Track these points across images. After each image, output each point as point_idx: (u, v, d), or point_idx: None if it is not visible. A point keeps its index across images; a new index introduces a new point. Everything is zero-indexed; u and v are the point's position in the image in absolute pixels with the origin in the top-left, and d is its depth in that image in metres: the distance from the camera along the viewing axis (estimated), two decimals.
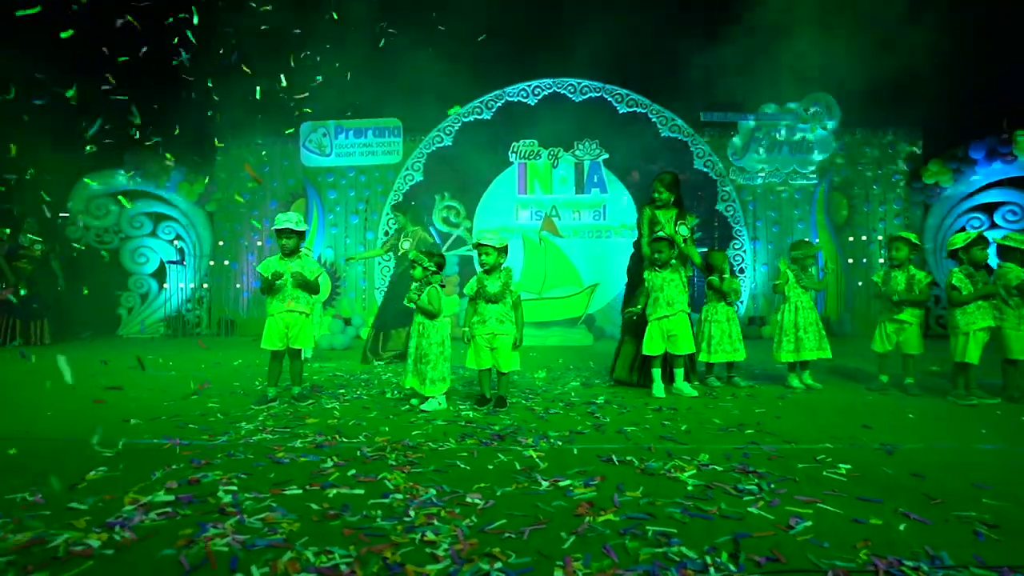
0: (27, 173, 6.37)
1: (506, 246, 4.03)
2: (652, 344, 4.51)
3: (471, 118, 9.78)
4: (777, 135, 9.59)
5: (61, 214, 8.79)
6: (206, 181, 9.42)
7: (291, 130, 9.16)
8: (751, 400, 4.30)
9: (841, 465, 2.68)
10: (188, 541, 1.90)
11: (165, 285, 9.35)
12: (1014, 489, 2.38)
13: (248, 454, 2.91)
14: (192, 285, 9.56)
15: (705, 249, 9.17)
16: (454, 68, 9.00)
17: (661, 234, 4.58)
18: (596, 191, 9.70)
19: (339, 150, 9.83)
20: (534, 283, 8.65)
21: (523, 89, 9.78)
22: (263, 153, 9.85)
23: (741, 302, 9.52)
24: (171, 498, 2.27)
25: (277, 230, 4.06)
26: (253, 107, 8.78)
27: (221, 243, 9.65)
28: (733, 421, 3.60)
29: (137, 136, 7.76)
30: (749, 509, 2.17)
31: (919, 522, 2.06)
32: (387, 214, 9.70)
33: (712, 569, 1.71)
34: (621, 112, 9.69)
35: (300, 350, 4.22)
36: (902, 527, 2.02)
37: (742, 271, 9.56)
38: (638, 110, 9.68)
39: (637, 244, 5.21)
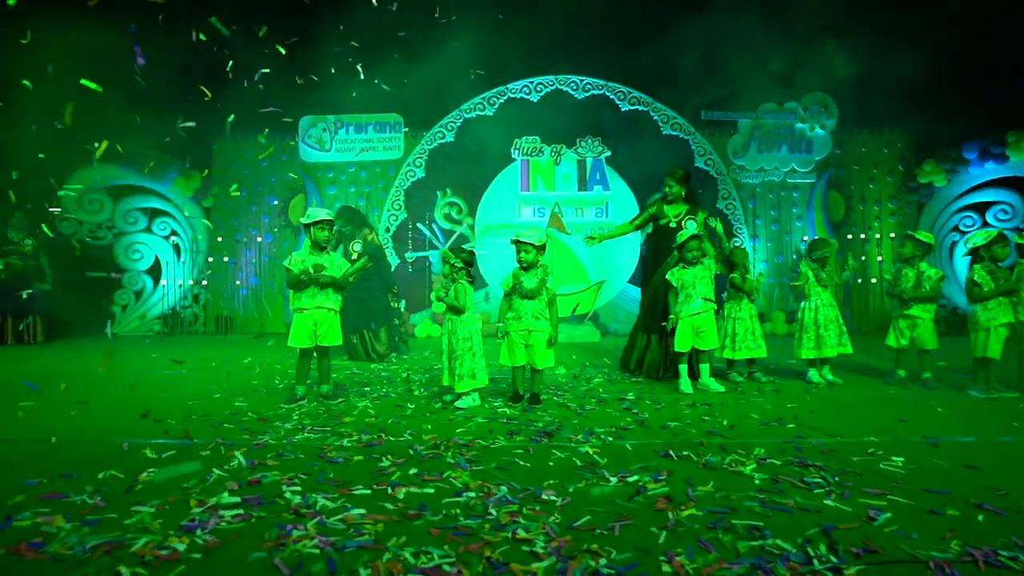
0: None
1: (544, 244, 4.02)
2: (683, 340, 4.54)
3: (473, 114, 9.72)
4: (776, 134, 9.72)
5: (52, 209, 8.51)
6: (204, 175, 9.18)
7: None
8: (778, 395, 4.35)
9: (895, 458, 2.73)
10: (276, 543, 1.86)
11: (163, 282, 9.12)
12: None
13: (298, 454, 2.85)
14: (191, 281, 9.33)
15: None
16: (457, 64, 8.94)
17: (694, 231, 4.62)
18: (599, 188, 9.72)
19: (339, 145, 9.69)
20: None
21: (525, 85, 9.75)
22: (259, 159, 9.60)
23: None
24: (238, 499, 2.22)
25: (316, 222, 3.98)
26: (254, 100, 8.62)
27: (219, 239, 9.45)
28: (770, 416, 3.64)
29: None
30: (825, 502, 2.19)
31: (994, 513, 2.10)
32: (388, 210, 9.63)
33: (816, 561, 1.72)
34: (623, 110, 9.72)
35: (328, 348, 4.15)
36: (980, 518, 2.06)
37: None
38: (640, 108, 9.72)
39: (649, 235, 5.36)
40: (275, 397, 4.25)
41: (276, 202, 9.77)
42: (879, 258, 9.46)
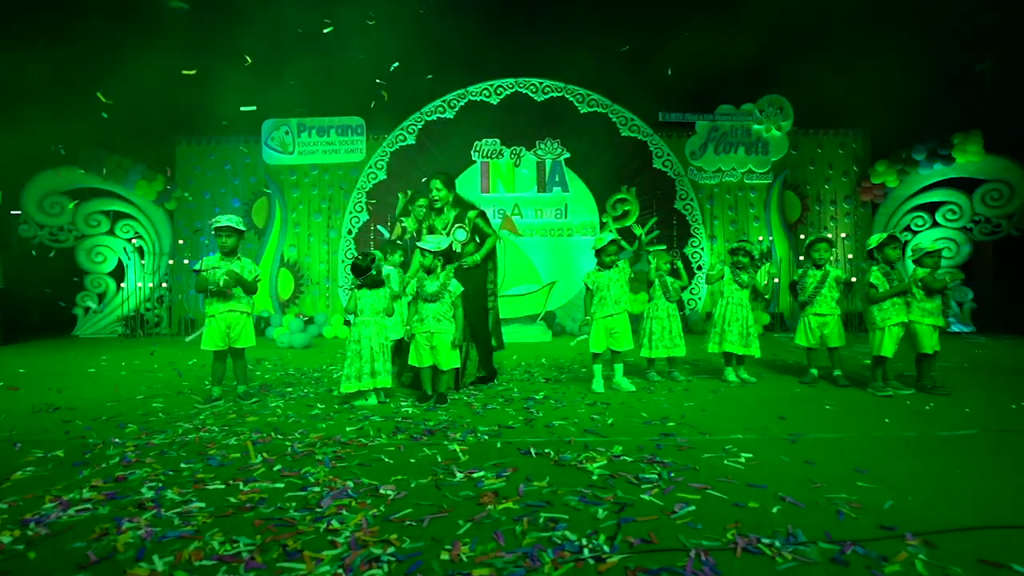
0: None
1: (445, 249, 4.16)
2: (597, 341, 4.68)
3: (434, 116, 9.85)
4: (733, 135, 9.86)
5: (12, 211, 8.64)
6: (165, 178, 9.32)
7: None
8: (685, 394, 4.48)
9: (743, 454, 2.87)
10: (100, 534, 1.99)
11: (122, 284, 9.24)
12: (887, 472, 2.59)
13: (181, 452, 2.99)
14: (151, 284, 9.45)
15: (664, 247, 9.44)
16: (417, 66, 9.07)
17: (612, 236, 4.76)
18: (558, 190, 9.86)
19: (302, 148, 9.82)
20: None
21: (485, 88, 9.88)
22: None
23: (699, 299, 9.78)
24: (93, 495, 2.35)
25: (217, 229, 4.12)
26: (214, 103, 8.76)
27: (181, 241, 9.58)
28: (659, 415, 3.78)
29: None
30: (642, 496, 2.33)
31: (793, 504, 2.24)
32: (350, 212, 9.80)
33: (586, 550, 1.86)
34: (582, 112, 9.85)
35: (243, 349, 4.29)
36: (775, 509, 2.20)
37: (699, 268, 9.81)
38: (599, 110, 9.85)
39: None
40: (196, 398, 4.38)
41: (239, 204, 9.90)
42: (832, 258, 9.59)
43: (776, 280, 9.40)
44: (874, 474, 2.57)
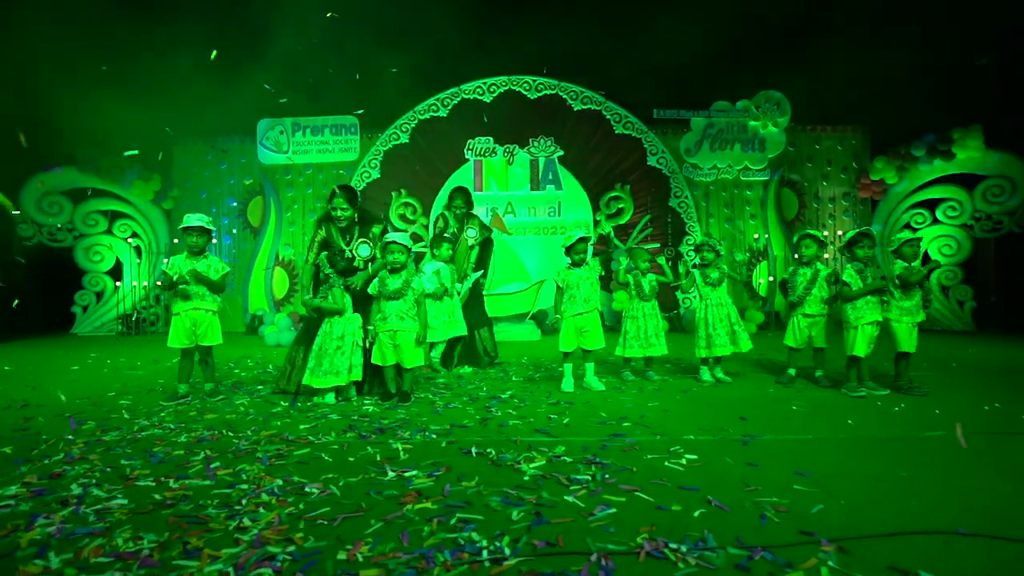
0: None
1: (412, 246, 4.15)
2: (567, 340, 4.64)
3: (427, 115, 9.85)
4: (729, 132, 9.72)
5: (13, 212, 8.81)
6: (161, 178, 9.44)
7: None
8: (655, 394, 4.42)
9: (687, 456, 2.81)
10: (10, 531, 2.00)
11: (117, 284, 9.37)
12: (831, 475, 2.51)
13: (127, 449, 3.00)
14: (145, 284, 9.58)
15: (657, 246, 9.35)
16: (410, 65, 9.07)
17: (582, 234, 4.73)
18: (551, 188, 9.81)
19: (296, 147, 9.88)
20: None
21: (478, 86, 9.85)
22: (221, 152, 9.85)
23: (692, 297, 9.65)
24: (21, 491, 2.37)
25: (185, 228, 4.15)
26: (209, 103, 8.84)
27: (176, 240, 9.68)
28: (619, 415, 3.72)
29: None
30: (565, 498, 2.29)
31: (718, 508, 2.18)
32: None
33: (485, 552, 1.83)
34: (576, 109, 9.78)
35: (210, 347, 4.32)
36: (696, 513, 2.14)
37: (695, 266, 9.66)
38: (592, 107, 9.77)
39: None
40: (167, 396, 4.42)
41: (235, 203, 9.99)
42: (825, 255, 9.43)
43: (772, 279, 9.24)
44: (817, 477, 2.50)
